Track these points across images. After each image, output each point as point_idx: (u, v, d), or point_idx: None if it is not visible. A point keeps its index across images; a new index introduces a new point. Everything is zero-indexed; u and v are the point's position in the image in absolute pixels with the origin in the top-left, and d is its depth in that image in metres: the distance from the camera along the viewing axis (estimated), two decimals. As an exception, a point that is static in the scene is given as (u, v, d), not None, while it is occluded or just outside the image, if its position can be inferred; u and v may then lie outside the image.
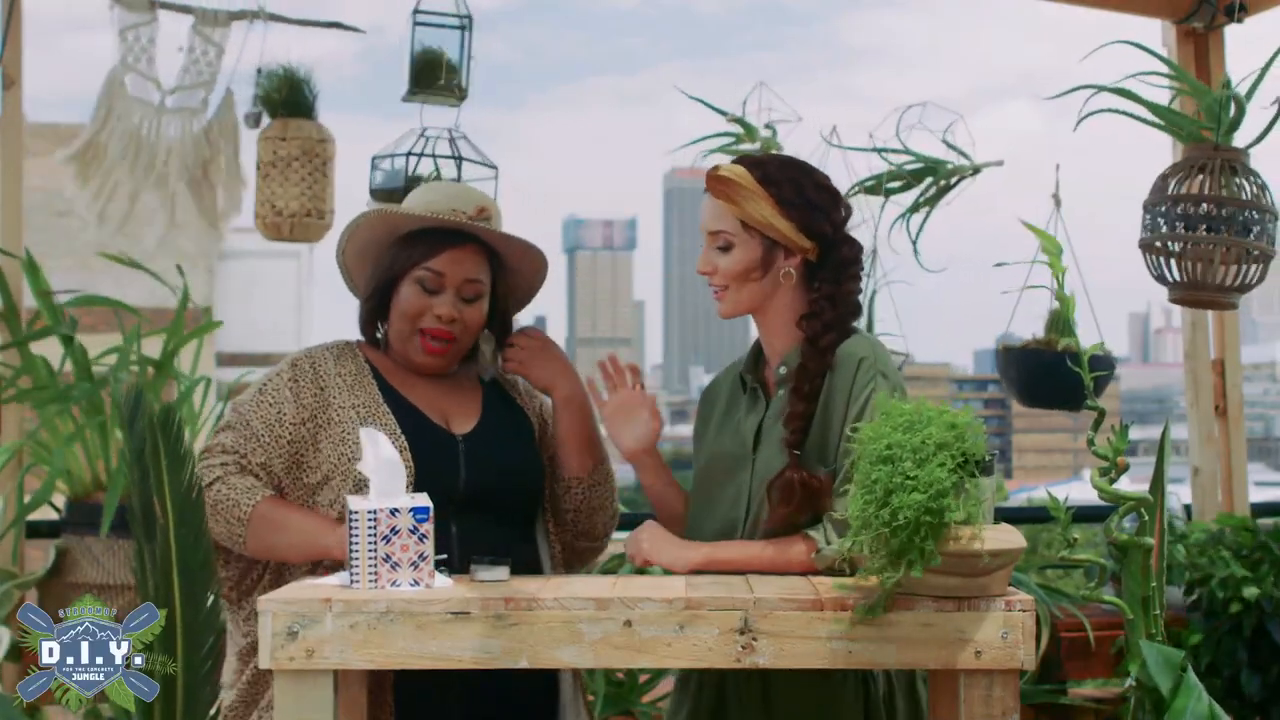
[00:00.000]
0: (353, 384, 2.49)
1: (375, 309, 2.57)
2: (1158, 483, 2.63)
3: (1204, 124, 3.18)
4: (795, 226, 2.37)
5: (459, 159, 3.51)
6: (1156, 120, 3.23)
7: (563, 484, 2.61)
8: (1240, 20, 3.93)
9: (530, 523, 2.59)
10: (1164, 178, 3.22)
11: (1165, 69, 3.31)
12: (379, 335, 2.61)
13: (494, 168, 3.56)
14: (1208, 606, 3.63)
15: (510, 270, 2.61)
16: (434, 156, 3.51)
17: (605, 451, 2.65)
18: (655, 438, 2.54)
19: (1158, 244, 3.19)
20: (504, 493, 2.51)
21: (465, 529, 2.43)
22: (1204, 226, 3.12)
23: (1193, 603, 3.68)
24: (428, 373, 2.56)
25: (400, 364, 2.56)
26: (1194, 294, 3.21)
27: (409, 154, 3.50)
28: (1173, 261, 3.18)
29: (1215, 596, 3.60)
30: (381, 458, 2.19)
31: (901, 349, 3.66)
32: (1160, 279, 3.24)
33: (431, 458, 2.44)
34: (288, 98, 3.69)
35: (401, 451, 2.41)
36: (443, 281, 2.49)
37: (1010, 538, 2.04)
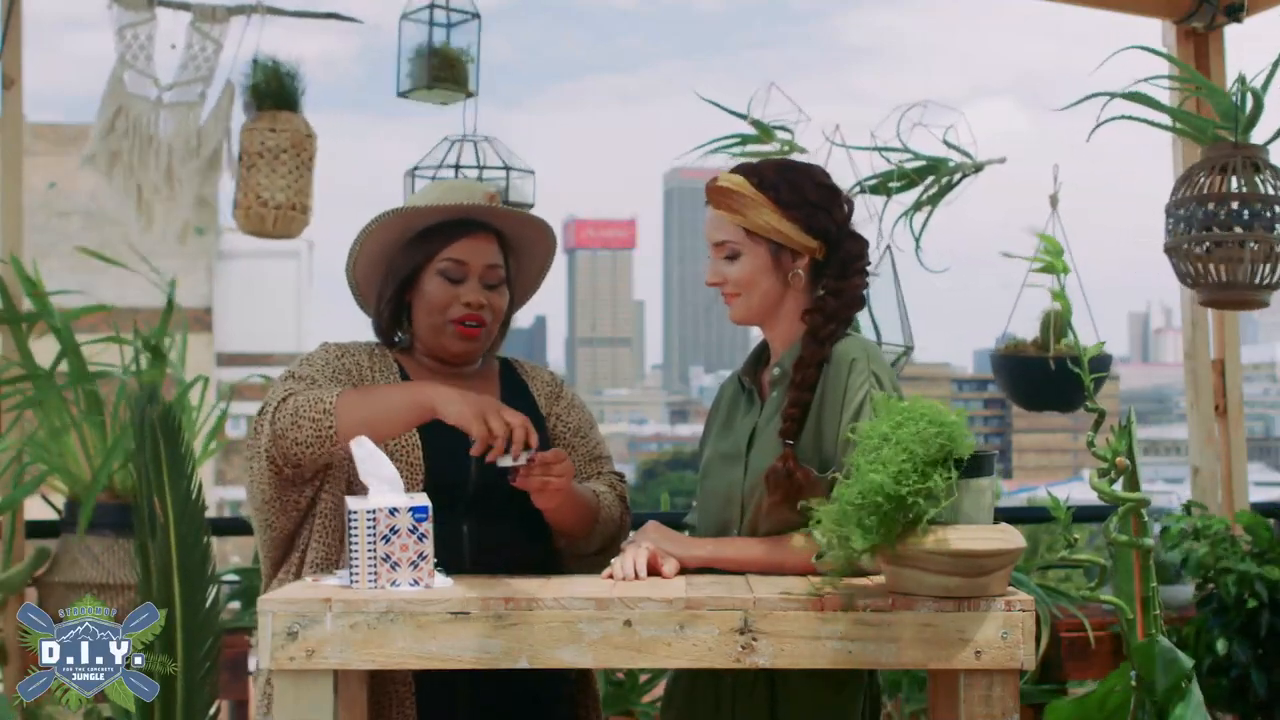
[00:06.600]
0: (379, 380, 2.50)
1: (395, 311, 2.56)
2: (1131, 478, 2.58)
3: (1222, 124, 3.14)
4: (799, 228, 2.37)
5: (506, 168, 3.55)
6: (1174, 124, 3.19)
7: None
8: (1240, 20, 3.93)
9: (543, 521, 2.53)
10: (1185, 179, 3.17)
11: (1174, 70, 3.27)
12: (398, 338, 2.59)
13: (531, 172, 3.62)
14: (1219, 603, 3.60)
15: (518, 254, 2.63)
16: (473, 167, 3.54)
17: (596, 505, 2.54)
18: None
19: (1184, 246, 3.14)
20: (517, 492, 2.45)
21: (476, 530, 2.43)
22: (1231, 226, 3.07)
23: (1203, 599, 3.66)
24: (463, 360, 2.55)
25: (427, 364, 2.56)
26: (1225, 294, 3.15)
27: (457, 166, 3.52)
28: (1200, 264, 3.13)
29: (1228, 593, 3.57)
30: (383, 476, 2.19)
31: (900, 341, 3.61)
32: (1189, 282, 3.19)
33: (442, 458, 2.43)
34: (275, 90, 3.70)
35: (412, 449, 2.41)
36: (466, 270, 2.51)
37: (1009, 538, 2.04)
